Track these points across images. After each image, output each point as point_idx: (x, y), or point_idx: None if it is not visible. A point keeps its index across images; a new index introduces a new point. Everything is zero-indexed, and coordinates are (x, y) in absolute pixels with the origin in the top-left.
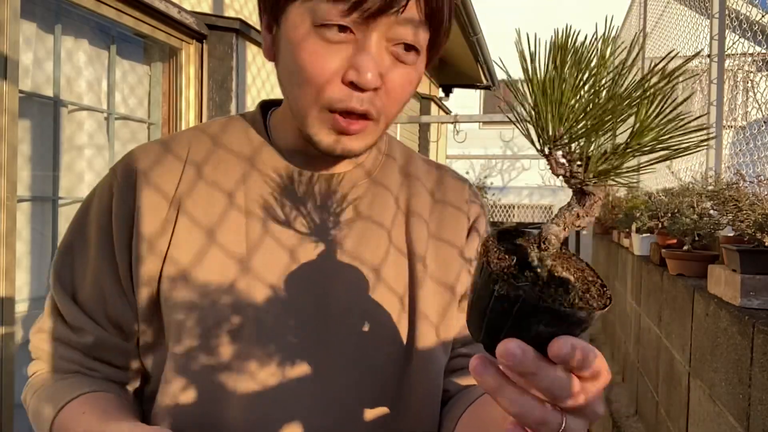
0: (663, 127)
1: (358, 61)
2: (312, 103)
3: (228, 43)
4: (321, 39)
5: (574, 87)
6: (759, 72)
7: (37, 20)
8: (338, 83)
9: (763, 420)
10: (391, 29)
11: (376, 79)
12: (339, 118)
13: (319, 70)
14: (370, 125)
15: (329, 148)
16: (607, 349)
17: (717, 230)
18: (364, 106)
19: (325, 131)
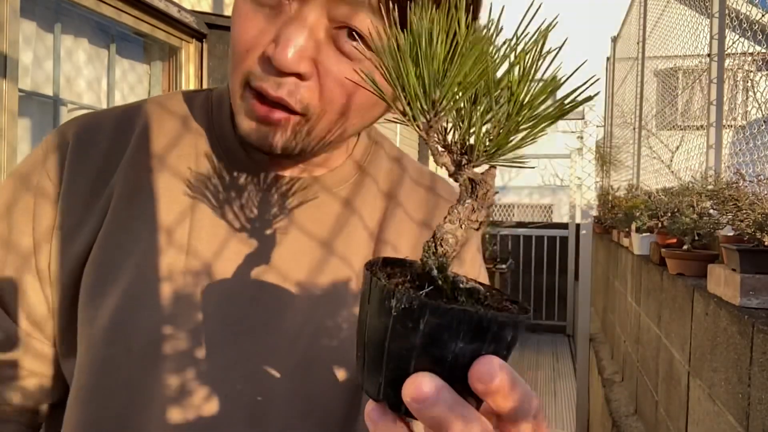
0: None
1: (282, 31)
2: (235, 76)
3: (228, 41)
4: (255, 6)
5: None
6: (759, 71)
7: (36, 19)
8: (257, 56)
9: (763, 420)
10: (335, 6)
11: (298, 61)
12: (254, 102)
13: (243, 34)
14: (295, 120)
15: (246, 135)
16: (606, 348)
17: (717, 230)
18: (278, 92)
19: (243, 114)
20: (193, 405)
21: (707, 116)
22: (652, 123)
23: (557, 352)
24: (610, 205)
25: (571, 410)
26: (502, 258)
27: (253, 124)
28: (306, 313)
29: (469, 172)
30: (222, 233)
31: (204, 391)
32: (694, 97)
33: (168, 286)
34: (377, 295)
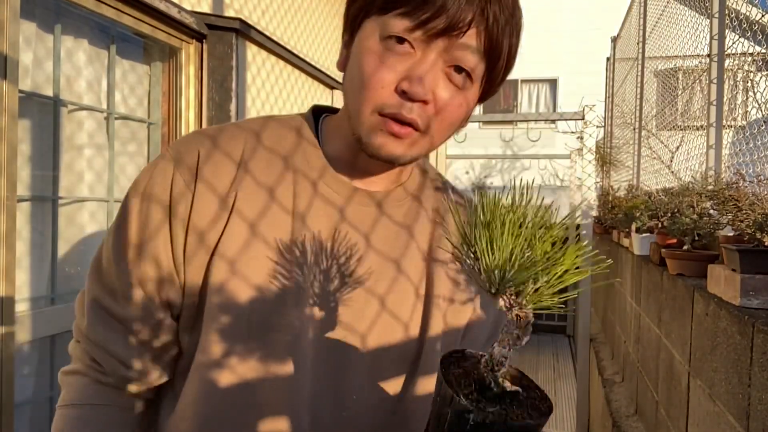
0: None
1: (412, 72)
2: (366, 106)
3: (228, 42)
4: (385, 49)
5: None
6: (759, 72)
7: (36, 20)
8: (392, 90)
9: (763, 420)
10: (449, 51)
11: (426, 92)
12: (390, 121)
13: (378, 76)
14: (416, 135)
15: (376, 149)
16: (607, 348)
17: (717, 230)
18: (411, 114)
19: (374, 132)
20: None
21: (707, 116)
22: (652, 123)
23: (557, 353)
24: (610, 206)
25: (572, 410)
26: None
27: (387, 140)
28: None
29: (517, 311)
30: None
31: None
32: (694, 97)
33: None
34: (457, 405)
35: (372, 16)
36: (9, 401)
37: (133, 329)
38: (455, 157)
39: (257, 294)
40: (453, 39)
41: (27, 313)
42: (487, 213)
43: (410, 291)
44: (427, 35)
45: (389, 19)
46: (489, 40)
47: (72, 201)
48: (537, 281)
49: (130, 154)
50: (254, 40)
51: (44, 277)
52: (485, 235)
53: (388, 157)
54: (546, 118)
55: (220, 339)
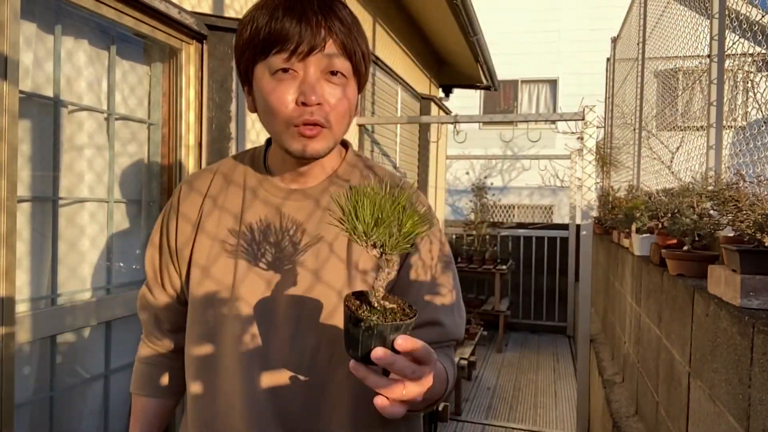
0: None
1: (303, 87)
2: (280, 124)
3: (228, 43)
4: (277, 81)
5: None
6: (759, 72)
7: (37, 21)
8: (294, 106)
9: (763, 420)
10: (320, 62)
11: (318, 97)
12: (301, 127)
13: (280, 99)
14: (324, 131)
15: (300, 151)
16: (607, 349)
17: (717, 230)
18: (314, 116)
19: (294, 141)
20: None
21: (707, 117)
22: (652, 124)
23: (558, 353)
24: (610, 206)
25: (572, 411)
26: (503, 259)
27: (304, 142)
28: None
29: (386, 256)
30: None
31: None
32: (694, 97)
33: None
34: (354, 319)
35: (258, 63)
36: (9, 401)
37: (158, 314)
38: (455, 158)
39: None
40: (319, 53)
41: (27, 313)
42: (355, 196)
43: (341, 264)
44: (300, 59)
45: (270, 59)
46: (343, 44)
47: (72, 201)
48: (393, 235)
49: (130, 155)
50: None
51: (44, 277)
52: (354, 210)
53: (312, 153)
54: (546, 118)
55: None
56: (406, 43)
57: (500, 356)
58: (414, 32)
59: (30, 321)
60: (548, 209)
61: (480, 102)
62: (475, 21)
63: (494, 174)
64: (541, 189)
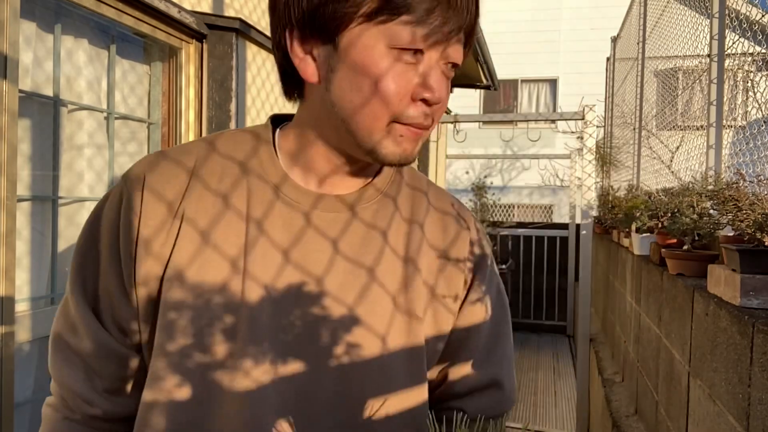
0: None
1: (430, 81)
2: (382, 119)
3: (228, 42)
4: (396, 60)
5: None
6: (759, 72)
7: (37, 20)
8: (409, 100)
9: (763, 420)
10: (446, 51)
11: (441, 97)
12: (411, 128)
13: (399, 90)
14: (425, 133)
15: (392, 156)
16: (606, 348)
17: (717, 230)
18: (428, 120)
19: (393, 142)
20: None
21: (707, 116)
22: (652, 123)
23: (557, 353)
24: (610, 206)
25: (572, 410)
26: (503, 258)
27: (404, 148)
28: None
29: None
30: (275, 256)
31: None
32: (694, 97)
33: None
34: None
35: (370, 22)
36: (9, 401)
37: (91, 364)
38: (455, 157)
39: (205, 306)
40: (455, 40)
41: (27, 312)
42: None
43: (386, 300)
44: (435, 42)
45: (396, 27)
46: (470, 31)
47: (72, 201)
48: None
49: (130, 154)
50: (254, 40)
51: (44, 277)
52: None
53: (409, 160)
54: (546, 118)
55: (170, 358)
56: None
57: None
58: None
59: (30, 320)
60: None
61: (480, 101)
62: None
63: (494, 173)
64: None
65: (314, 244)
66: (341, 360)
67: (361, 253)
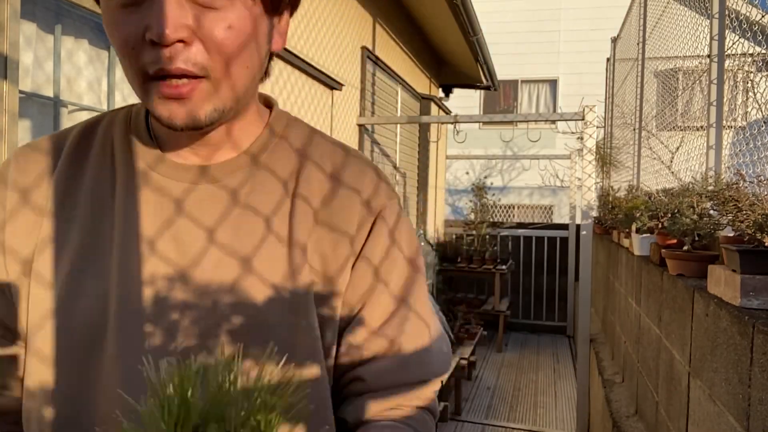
0: None
1: (151, 16)
2: (134, 78)
3: None
4: (118, 7)
5: None
6: (759, 72)
7: (37, 20)
8: (144, 47)
9: (763, 420)
10: None
11: (175, 30)
12: (161, 84)
13: (124, 38)
14: (202, 84)
15: (168, 119)
16: (606, 348)
17: (717, 230)
18: (175, 63)
19: (157, 102)
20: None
21: (707, 117)
22: (652, 124)
23: (557, 353)
24: (610, 206)
25: (572, 411)
26: (503, 259)
27: (170, 106)
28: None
29: None
30: (139, 228)
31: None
32: (694, 97)
33: (98, 281)
34: None
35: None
36: None
37: None
38: (455, 158)
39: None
40: None
41: None
42: None
43: (259, 227)
44: None
45: None
46: None
47: None
48: None
49: None
50: None
51: None
52: None
53: (184, 123)
54: (546, 118)
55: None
56: (406, 43)
57: (500, 356)
58: (414, 32)
59: None
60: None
61: (480, 102)
62: (475, 21)
63: (494, 174)
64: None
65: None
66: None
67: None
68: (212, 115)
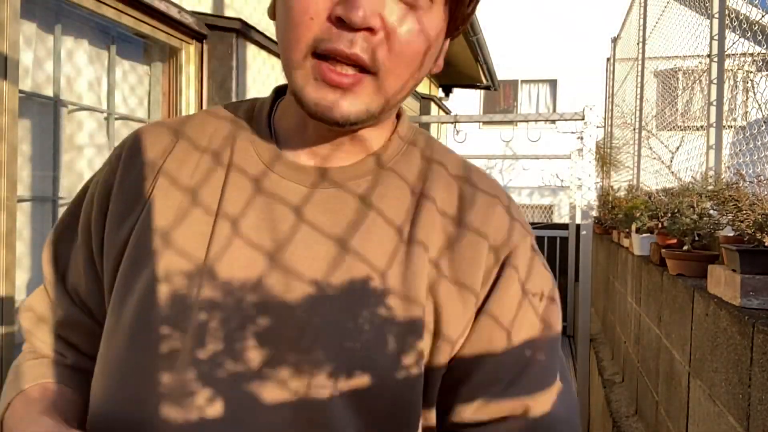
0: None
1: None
2: (296, 48)
3: (228, 43)
4: None
5: None
6: (759, 72)
7: (37, 20)
8: (324, 20)
9: (763, 420)
10: None
11: (368, 15)
12: (325, 66)
13: (303, 5)
14: (367, 79)
15: (316, 106)
16: (607, 349)
17: (717, 230)
18: (354, 48)
19: (311, 84)
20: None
21: (707, 117)
22: (652, 123)
23: None
24: (610, 206)
25: None
26: None
27: (325, 92)
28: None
29: None
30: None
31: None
32: (694, 97)
33: (184, 282)
34: None
35: None
36: None
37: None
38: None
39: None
40: None
41: None
42: None
43: (376, 281)
44: None
45: None
46: None
47: None
48: None
49: None
50: (254, 40)
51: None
52: None
53: (330, 115)
54: (546, 118)
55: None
56: None
57: None
58: None
59: None
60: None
61: (480, 102)
62: (475, 21)
63: (494, 174)
64: (541, 189)
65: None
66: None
67: (333, 226)
68: (361, 116)
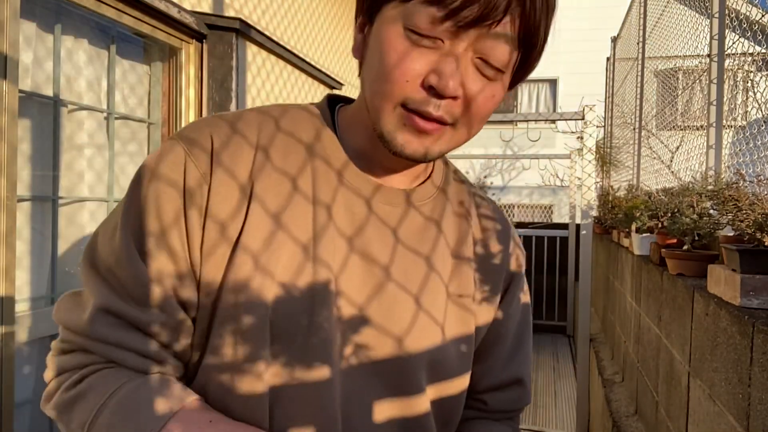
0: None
1: (441, 66)
2: (389, 101)
3: (228, 42)
4: (409, 41)
5: None
6: (759, 72)
7: (37, 20)
8: (417, 85)
9: (763, 420)
10: (480, 41)
11: (456, 88)
12: (416, 117)
13: (402, 69)
14: (447, 130)
15: (400, 147)
16: (606, 348)
17: (717, 230)
18: (439, 112)
19: (400, 129)
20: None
21: (707, 116)
22: (652, 123)
23: (557, 353)
24: (610, 206)
25: (572, 411)
26: None
27: (410, 137)
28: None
29: None
30: (342, 244)
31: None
32: (694, 97)
33: (302, 295)
34: None
35: (395, 4)
36: (9, 401)
37: (153, 332)
38: (455, 157)
39: (283, 292)
40: (485, 28)
41: (27, 313)
42: None
43: (441, 290)
44: (456, 27)
45: (413, 7)
46: (525, 27)
47: (72, 201)
48: None
49: (130, 154)
50: (254, 40)
51: (44, 277)
52: None
53: (413, 155)
54: (546, 118)
55: (238, 340)
56: None
57: None
58: None
59: (30, 320)
60: (548, 209)
61: None
62: None
63: (494, 173)
64: (541, 189)
65: (375, 233)
66: (408, 349)
67: (419, 244)
68: (435, 157)
